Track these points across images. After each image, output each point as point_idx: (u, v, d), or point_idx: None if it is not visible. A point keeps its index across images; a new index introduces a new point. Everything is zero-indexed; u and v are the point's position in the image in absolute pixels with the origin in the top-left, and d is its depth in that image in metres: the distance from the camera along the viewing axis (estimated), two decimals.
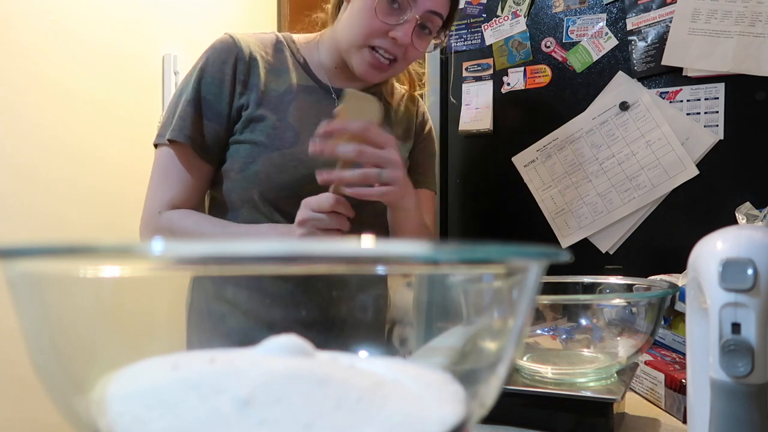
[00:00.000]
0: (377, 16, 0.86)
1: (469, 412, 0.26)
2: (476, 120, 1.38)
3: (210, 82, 0.89)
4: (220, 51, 0.90)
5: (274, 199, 0.90)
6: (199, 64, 0.91)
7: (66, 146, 1.47)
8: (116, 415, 0.23)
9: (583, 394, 0.63)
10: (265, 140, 0.89)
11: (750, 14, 1.14)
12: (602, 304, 0.70)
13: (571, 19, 1.30)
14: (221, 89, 0.89)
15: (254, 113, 0.90)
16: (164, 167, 0.90)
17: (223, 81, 0.89)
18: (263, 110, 0.90)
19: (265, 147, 0.89)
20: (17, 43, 1.36)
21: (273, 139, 0.89)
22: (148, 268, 0.24)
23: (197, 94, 0.89)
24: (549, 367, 0.68)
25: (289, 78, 0.94)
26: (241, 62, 0.90)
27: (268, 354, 0.26)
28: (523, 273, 0.26)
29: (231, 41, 0.91)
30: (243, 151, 0.90)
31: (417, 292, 0.33)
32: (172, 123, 0.88)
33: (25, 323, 0.25)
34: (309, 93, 0.94)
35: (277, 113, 0.90)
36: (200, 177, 0.91)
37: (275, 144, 0.89)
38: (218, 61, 0.89)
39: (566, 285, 0.82)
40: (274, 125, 0.90)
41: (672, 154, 1.20)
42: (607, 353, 0.69)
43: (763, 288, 0.40)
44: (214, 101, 0.89)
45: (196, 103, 0.88)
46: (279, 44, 0.96)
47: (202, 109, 0.89)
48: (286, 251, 0.20)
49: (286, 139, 0.89)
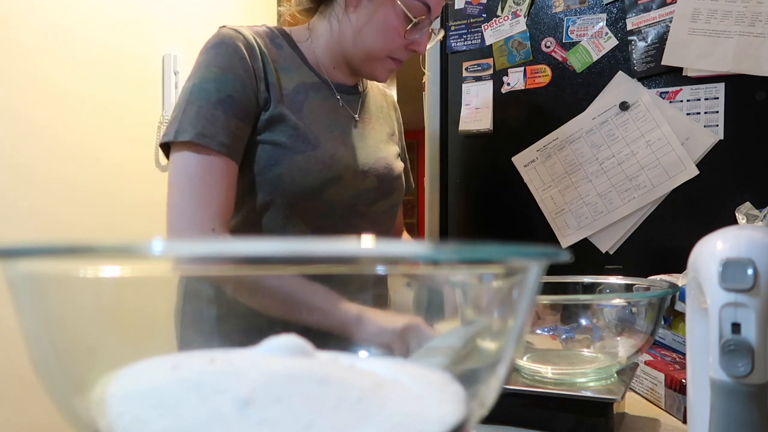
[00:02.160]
0: (401, 33, 0.89)
1: (469, 412, 0.26)
2: (476, 120, 1.38)
3: (234, 78, 0.83)
4: (233, 45, 0.85)
5: (297, 203, 0.88)
6: (214, 61, 0.84)
7: (66, 146, 1.47)
8: (116, 415, 0.23)
9: (583, 394, 0.63)
10: (288, 142, 0.86)
11: (750, 14, 1.14)
12: (602, 304, 0.70)
13: (571, 19, 1.30)
14: (246, 86, 0.84)
15: (275, 112, 0.86)
16: (200, 174, 0.81)
17: (246, 77, 0.84)
18: (282, 109, 0.87)
19: (288, 149, 0.86)
20: (17, 43, 1.36)
21: (296, 141, 0.86)
22: (155, 269, 0.24)
23: (223, 94, 0.82)
24: (549, 367, 0.68)
25: (294, 75, 0.92)
26: (255, 59, 0.86)
27: (268, 354, 0.26)
28: (523, 273, 0.26)
29: (239, 35, 0.86)
30: (264, 152, 0.86)
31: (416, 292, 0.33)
32: (199, 126, 0.81)
33: (25, 323, 0.25)
34: (316, 91, 0.93)
35: (294, 113, 0.88)
36: (234, 183, 0.85)
37: (299, 147, 0.86)
38: (236, 57, 0.84)
39: (566, 285, 0.82)
40: (295, 126, 0.87)
41: (672, 154, 1.20)
42: (607, 353, 0.69)
43: (763, 288, 0.40)
44: (242, 99, 0.84)
45: (225, 105, 0.82)
46: (276, 39, 0.93)
47: (234, 110, 0.83)
48: (286, 252, 0.20)
49: (309, 141, 0.87)
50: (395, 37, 0.89)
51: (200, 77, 0.83)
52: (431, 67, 1.45)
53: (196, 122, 0.81)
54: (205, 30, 1.90)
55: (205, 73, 0.84)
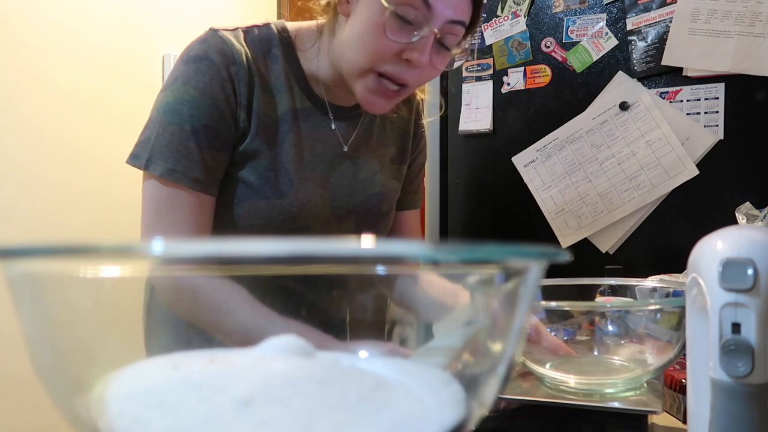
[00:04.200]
0: (386, 35, 0.71)
1: (469, 412, 0.26)
2: (476, 120, 1.38)
3: (211, 106, 0.74)
4: (216, 66, 0.75)
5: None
6: (191, 80, 0.74)
7: (65, 146, 1.47)
8: (116, 415, 0.23)
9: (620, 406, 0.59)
10: (256, 183, 0.78)
11: (750, 14, 1.14)
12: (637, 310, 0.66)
13: (571, 19, 1.30)
14: (224, 113, 0.75)
15: (250, 146, 0.77)
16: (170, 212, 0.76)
17: (224, 102, 0.75)
18: (259, 143, 0.78)
19: (254, 191, 0.78)
20: (17, 43, 1.36)
21: (263, 183, 0.78)
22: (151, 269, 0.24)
23: (200, 124, 0.74)
24: (572, 376, 0.64)
25: (284, 99, 0.80)
26: (239, 80, 0.76)
27: (268, 354, 0.26)
28: (523, 273, 0.26)
29: (226, 49, 0.75)
30: (229, 186, 0.78)
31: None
32: (172, 158, 0.74)
33: (25, 323, 0.25)
34: (306, 118, 0.82)
35: (271, 149, 0.78)
36: (209, 215, 0.78)
37: (265, 191, 0.78)
38: (217, 78, 0.74)
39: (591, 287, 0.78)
40: (267, 166, 0.78)
41: (672, 154, 1.20)
42: (636, 361, 0.65)
43: (763, 288, 0.40)
44: (218, 127, 0.75)
45: (200, 136, 0.74)
46: (273, 49, 0.81)
47: (209, 141, 0.75)
48: (286, 252, 0.20)
49: (278, 187, 0.78)
50: (380, 38, 0.71)
51: (175, 96, 0.75)
52: None
53: (168, 153, 0.73)
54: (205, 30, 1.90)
55: (182, 92, 0.74)
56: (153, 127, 0.75)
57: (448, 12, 0.71)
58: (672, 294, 0.73)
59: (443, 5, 0.70)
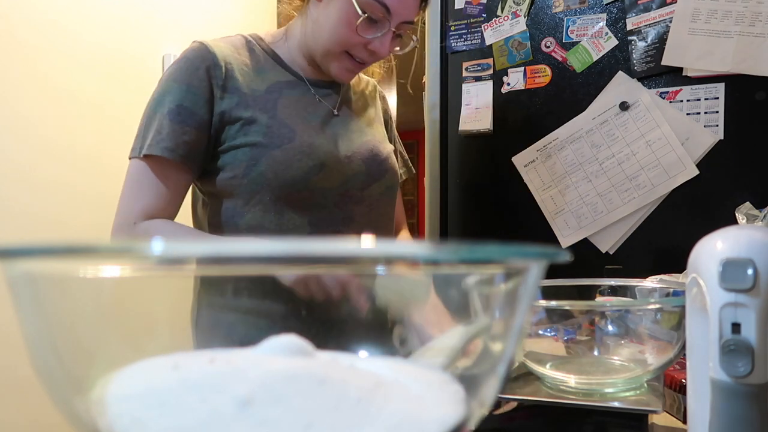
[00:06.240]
0: (357, 32, 0.89)
1: (469, 412, 0.26)
2: (476, 120, 1.38)
3: (186, 90, 0.87)
4: (192, 59, 0.89)
5: (285, 197, 0.89)
6: (172, 75, 0.89)
7: (65, 146, 1.47)
8: (116, 415, 0.23)
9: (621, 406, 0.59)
10: (264, 140, 0.89)
11: (750, 14, 1.14)
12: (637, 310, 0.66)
13: (571, 19, 1.30)
14: (198, 96, 0.88)
15: (243, 116, 0.89)
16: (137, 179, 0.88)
17: (200, 87, 0.88)
18: (252, 112, 0.90)
19: (264, 147, 0.89)
20: (17, 43, 1.36)
21: (271, 137, 0.89)
22: (146, 269, 0.24)
23: (174, 104, 0.87)
24: (572, 375, 0.64)
25: (268, 76, 0.94)
26: (216, 68, 0.89)
27: (268, 354, 0.26)
28: (523, 273, 0.26)
29: (203, 48, 0.90)
30: (242, 154, 0.89)
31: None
32: (149, 138, 0.87)
33: (25, 323, 0.25)
34: (291, 88, 0.95)
35: (267, 112, 0.91)
36: (176, 189, 0.90)
37: (275, 142, 0.89)
38: (192, 68, 0.88)
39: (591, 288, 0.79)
40: (268, 124, 0.90)
41: (672, 154, 1.20)
42: (636, 361, 0.65)
43: (763, 288, 0.40)
44: (193, 108, 0.87)
45: (173, 114, 0.86)
46: (249, 44, 0.97)
47: (182, 117, 0.87)
48: (286, 252, 0.20)
49: (284, 136, 0.90)
50: (348, 31, 0.89)
51: (159, 91, 0.90)
52: (431, 67, 1.45)
53: (147, 135, 0.87)
54: (205, 30, 1.90)
55: (164, 87, 0.90)
56: (142, 121, 0.90)
57: (403, 14, 0.91)
58: (672, 294, 0.73)
59: (400, 8, 0.90)
